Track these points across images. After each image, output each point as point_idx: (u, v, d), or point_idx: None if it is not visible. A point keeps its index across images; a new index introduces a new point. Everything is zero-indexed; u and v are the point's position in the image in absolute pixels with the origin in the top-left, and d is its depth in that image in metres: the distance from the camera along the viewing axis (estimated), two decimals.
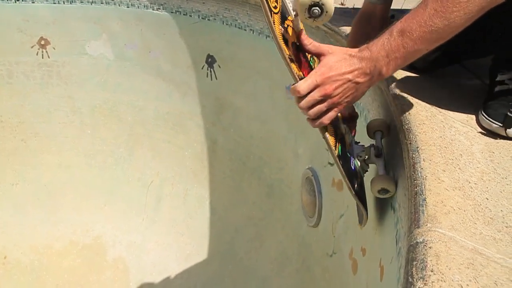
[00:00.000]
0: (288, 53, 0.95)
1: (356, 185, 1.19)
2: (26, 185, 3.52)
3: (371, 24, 1.51)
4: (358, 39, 1.47)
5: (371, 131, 1.33)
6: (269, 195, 2.86)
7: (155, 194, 3.44)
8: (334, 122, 1.15)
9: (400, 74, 1.50)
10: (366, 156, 1.26)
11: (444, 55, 1.49)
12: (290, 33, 0.99)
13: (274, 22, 0.92)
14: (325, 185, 2.19)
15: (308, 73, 1.00)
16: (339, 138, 1.16)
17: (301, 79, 0.98)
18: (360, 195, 1.23)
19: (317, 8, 0.92)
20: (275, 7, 0.93)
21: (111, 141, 3.52)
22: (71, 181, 3.52)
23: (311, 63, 1.11)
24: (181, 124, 3.34)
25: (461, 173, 1.02)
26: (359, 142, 1.30)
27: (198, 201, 3.29)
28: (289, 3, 0.98)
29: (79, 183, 3.52)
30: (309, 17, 0.93)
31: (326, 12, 0.92)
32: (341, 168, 1.12)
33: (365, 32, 1.48)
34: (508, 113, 1.14)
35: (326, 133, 1.08)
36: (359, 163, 1.27)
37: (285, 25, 0.97)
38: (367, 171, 1.30)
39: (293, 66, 0.97)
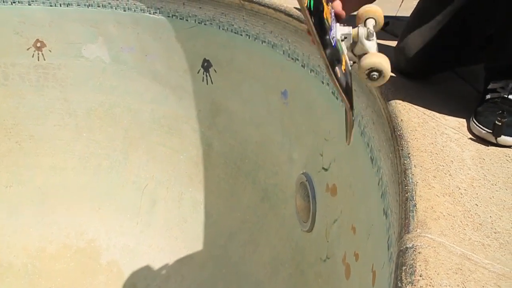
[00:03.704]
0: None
1: (336, 68, 0.97)
2: (20, 187, 3.51)
3: None
4: None
5: (362, 18, 1.09)
6: (263, 200, 2.86)
7: (149, 198, 3.43)
8: None
9: (393, 81, 1.52)
10: (353, 40, 1.05)
11: (434, 61, 1.51)
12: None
13: None
14: (319, 190, 2.20)
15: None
16: None
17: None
18: (345, 89, 1.02)
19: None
20: None
21: (106, 144, 3.51)
22: (66, 184, 3.51)
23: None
24: (177, 128, 3.34)
25: (451, 179, 1.04)
26: (344, 24, 1.07)
27: (193, 205, 3.29)
28: None
29: (74, 186, 3.51)
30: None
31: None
32: (311, 22, 0.87)
33: None
34: (496, 122, 1.15)
35: None
36: (343, 46, 1.05)
37: None
38: (355, 62, 1.07)
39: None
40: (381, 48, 1.78)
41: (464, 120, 1.31)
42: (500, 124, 1.15)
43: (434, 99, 1.42)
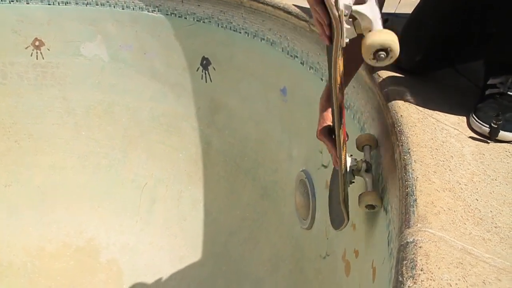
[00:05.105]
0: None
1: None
2: (19, 187, 3.50)
3: None
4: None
5: (360, 145, 1.40)
6: (263, 197, 2.86)
7: (149, 196, 3.43)
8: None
9: (393, 77, 1.51)
10: (356, 168, 1.33)
11: (434, 57, 1.51)
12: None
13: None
14: (319, 188, 2.20)
15: None
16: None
17: None
18: (346, 204, 1.34)
19: (383, 53, 0.92)
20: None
21: (105, 143, 3.51)
22: (65, 183, 3.51)
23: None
24: (176, 126, 3.34)
25: (451, 174, 1.04)
26: (352, 155, 1.35)
27: (192, 203, 3.29)
28: None
29: (73, 185, 3.51)
30: (373, 59, 0.93)
31: (391, 57, 0.93)
32: (344, 182, 1.28)
33: None
34: (492, 124, 1.16)
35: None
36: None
37: None
38: (353, 182, 1.36)
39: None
40: None
41: (464, 116, 1.31)
42: (496, 126, 1.15)
43: (433, 94, 1.42)
